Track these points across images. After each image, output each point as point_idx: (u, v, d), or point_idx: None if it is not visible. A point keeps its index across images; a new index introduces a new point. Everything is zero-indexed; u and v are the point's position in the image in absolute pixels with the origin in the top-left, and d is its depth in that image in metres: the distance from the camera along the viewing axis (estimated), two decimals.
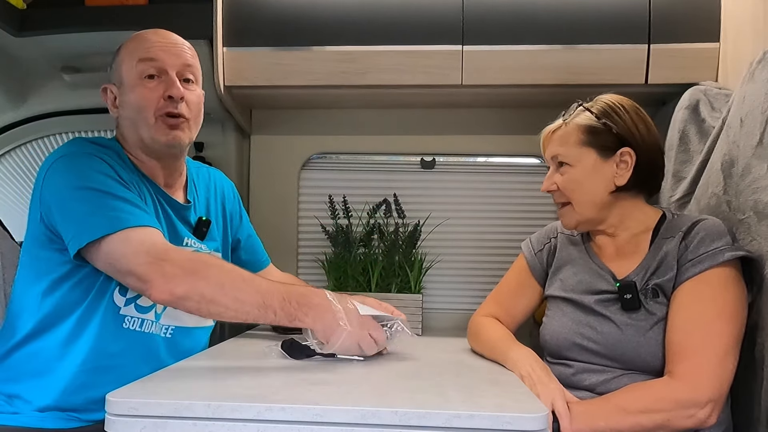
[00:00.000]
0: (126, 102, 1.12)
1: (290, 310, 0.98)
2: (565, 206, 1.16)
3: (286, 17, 1.59)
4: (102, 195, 1.01)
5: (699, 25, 1.51)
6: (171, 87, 1.10)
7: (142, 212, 1.03)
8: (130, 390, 0.83)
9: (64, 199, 1.02)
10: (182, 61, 1.14)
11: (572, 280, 1.19)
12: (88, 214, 0.99)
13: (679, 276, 1.05)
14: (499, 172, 1.90)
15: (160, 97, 1.10)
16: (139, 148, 1.14)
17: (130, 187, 1.07)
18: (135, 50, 1.12)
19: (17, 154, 2.17)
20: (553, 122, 1.20)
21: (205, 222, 1.23)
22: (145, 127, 1.11)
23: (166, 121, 1.11)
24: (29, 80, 1.84)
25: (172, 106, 1.11)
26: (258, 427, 0.76)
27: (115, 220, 0.99)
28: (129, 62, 1.12)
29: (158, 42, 1.13)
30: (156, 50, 1.11)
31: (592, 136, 1.12)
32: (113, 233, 0.98)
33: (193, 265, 0.97)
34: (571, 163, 1.13)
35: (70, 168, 1.04)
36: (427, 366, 1.10)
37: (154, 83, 1.11)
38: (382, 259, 1.77)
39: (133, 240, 0.98)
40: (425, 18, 1.57)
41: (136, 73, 1.11)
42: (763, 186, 1.04)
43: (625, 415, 0.97)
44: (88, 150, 1.07)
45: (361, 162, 1.92)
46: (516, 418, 0.75)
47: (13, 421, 1.04)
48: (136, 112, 1.11)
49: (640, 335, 1.05)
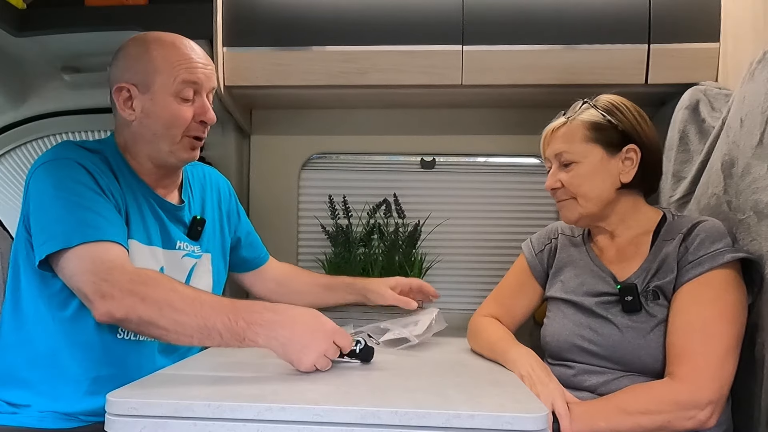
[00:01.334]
0: (152, 112, 1.10)
1: (237, 331, 0.91)
2: (568, 200, 1.16)
3: (286, 17, 1.59)
4: (74, 207, 0.99)
5: (699, 25, 1.51)
6: (206, 113, 1.12)
7: (109, 225, 1.01)
8: (130, 390, 0.83)
9: (39, 207, 1.02)
10: (212, 84, 1.15)
11: (573, 282, 1.19)
12: (55, 224, 0.99)
13: (680, 278, 1.05)
14: (499, 172, 1.90)
15: (191, 119, 1.11)
16: (147, 156, 1.13)
17: (107, 196, 1.05)
18: (177, 65, 1.09)
19: (17, 154, 2.17)
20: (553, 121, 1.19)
21: (199, 221, 1.23)
22: (169, 143, 1.11)
23: (191, 142, 1.13)
24: (29, 80, 1.83)
25: (202, 130, 1.13)
26: (258, 427, 0.76)
27: (73, 234, 0.97)
28: (168, 75, 1.09)
29: (200, 63, 1.12)
30: (200, 73, 1.11)
31: (598, 132, 1.12)
32: (69, 248, 0.96)
33: (132, 286, 0.93)
34: (577, 159, 1.13)
35: (52, 174, 1.03)
36: (427, 366, 1.10)
37: (188, 104, 1.11)
38: (382, 259, 1.77)
39: (84, 257, 0.96)
40: (425, 18, 1.57)
41: (175, 89, 1.09)
42: (763, 186, 1.04)
43: (625, 416, 0.97)
44: (72, 156, 1.05)
45: (361, 162, 1.92)
46: (516, 418, 0.75)
47: (12, 421, 1.03)
48: (164, 127, 1.10)
49: (641, 337, 1.05)
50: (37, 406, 1.05)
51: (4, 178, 2.24)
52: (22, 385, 1.06)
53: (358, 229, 1.84)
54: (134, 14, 1.58)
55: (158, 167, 1.15)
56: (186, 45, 1.13)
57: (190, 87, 1.10)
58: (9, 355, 1.08)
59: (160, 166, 1.15)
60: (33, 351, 1.06)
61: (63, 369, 1.05)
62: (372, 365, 1.05)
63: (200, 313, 0.91)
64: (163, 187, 1.19)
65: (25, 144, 2.12)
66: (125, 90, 1.10)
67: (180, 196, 1.23)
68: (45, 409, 1.04)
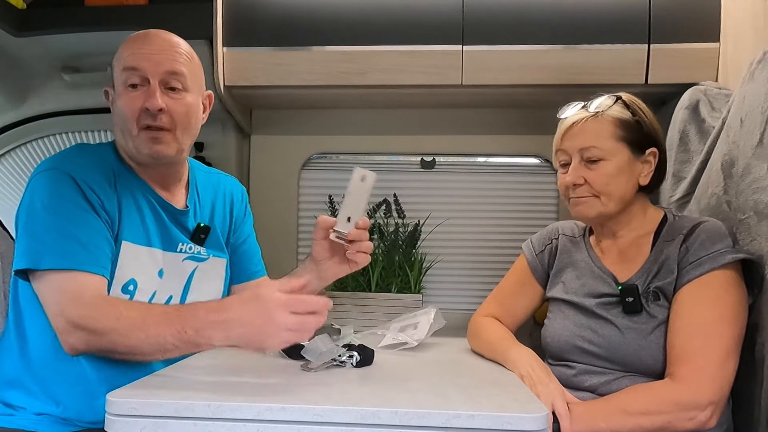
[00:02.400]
0: (114, 109, 1.11)
1: (188, 340, 0.90)
2: (590, 198, 1.12)
3: (286, 17, 1.59)
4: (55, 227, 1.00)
5: (699, 25, 1.51)
6: (149, 98, 1.06)
7: (83, 252, 1.00)
8: (130, 390, 0.83)
9: (24, 219, 1.03)
10: (165, 69, 1.08)
11: (574, 283, 1.19)
12: (32, 240, 1.00)
13: (680, 279, 1.05)
14: (499, 172, 1.90)
15: (140, 108, 1.07)
16: (128, 155, 1.13)
17: (96, 212, 1.04)
18: (121, 56, 1.09)
19: (17, 154, 2.17)
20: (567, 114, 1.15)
21: (203, 228, 1.20)
22: (129, 137, 1.09)
23: (147, 134, 1.08)
24: (29, 80, 1.83)
25: (150, 119, 1.07)
26: (258, 427, 0.76)
27: (44, 257, 0.98)
28: (117, 68, 1.09)
29: (143, 49, 1.08)
30: (138, 58, 1.07)
31: (627, 131, 1.10)
32: (38, 270, 0.98)
33: (81, 321, 0.94)
34: (606, 157, 1.10)
35: (43, 187, 1.03)
36: (427, 366, 1.10)
37: (136, 93, 1.07)
38: (382, 259, 1.77)
39: (51, 283, 0.98)
40: (425, 18, 1.57)
41: (121, 80, 1.08)
42: (763, 186, 1.04)
43: (625, 416, 0.97)
44: (66, 167, 1.04)
45: (361, 162, 1.92)
46: (516, 418, 0.75)
47: (9, 423, 1.03)
48: (122, 121, 1.09)
49: (642, 338, 1.05)
50: (33, 409, 1.04)
51: (4, 178, 2.24)
52: (18, 386, 1.06)
53: None
54: (134, 14, 1.58)
55: (143, 166, 1.14)
56: (138, 35, 1.10)
57: (132, 73, 1.06)
58: (9, 355, 1.08)
59: (140, 164, 1.13)
60: (31, 353, 1.06)
61: (60, 372, 1.04)
62: (372, 365, 1.05)
63: (148, 332, 0.91)
64: (165, 188, 1.17)
65: (25, 144, 2.12)
66: (108, 93, 1.14)
67: (185, 202, 1.21)
68: (41, 412, 1.04)
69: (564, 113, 1.16)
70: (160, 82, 1.08)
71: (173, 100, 1.09)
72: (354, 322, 1.66)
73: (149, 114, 1.06)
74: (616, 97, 1.13)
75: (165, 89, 1.08)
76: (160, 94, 1.07)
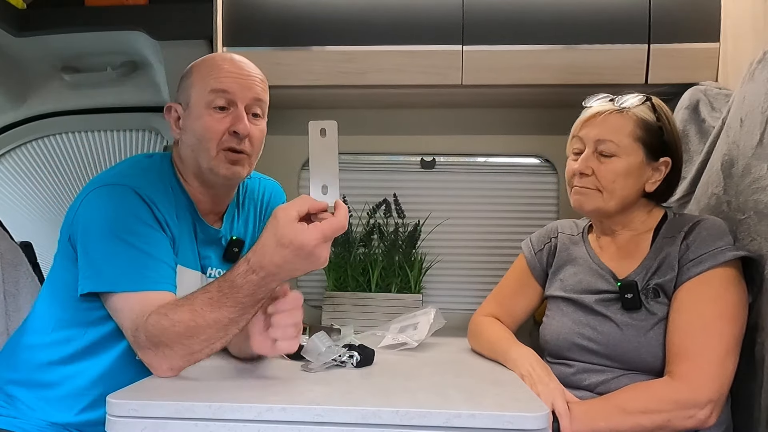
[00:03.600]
0: (190, 128, 1.09)
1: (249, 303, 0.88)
2: (592, 190, 1.11)
3: (286, 17, 1.59)
4: (123, 244, 0.98)
5: (699, 25, 1.51)
6: (238, 122, 1.06)
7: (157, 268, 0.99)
8: (131, 391, 0.83)
9: (90, 236, 1.00)
10: (253, 95, 1.09)
11: (572, 280, 1.19)
12: (103, 262, 0.98)
13: (680, 276, 1.05)
14: (499, 172, 1.90)
15: (226, 131, 1.06)
16: (194, 174, 1.11)
17: (163, 228, 1.04)
18: (208, 76, 1.08)
19: (17, 154, 2.17)
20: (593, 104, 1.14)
21: (236, 242, 1.19)
22: (206, 157, 1.07)
23: (228, 155, 1.07)
24: (29, 80, 1.84)
25: (236, 142, 1.07)
26: (258, 428, 0.76)
27: (122, 277, 0.97)
28: (200, 88, 1.08)
29: (232, 72, 1.08)
30: (229, 81, 1.07)
31: (647, 133, 1.09)
32: (117, 293, 0.97)
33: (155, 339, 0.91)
34: (619, 154, 1.09)
35: (106, 202, 1.01)
36: (427, 366, 1.10)
37: (222, 115, 1.07)
38: (382, 259, 1.77)
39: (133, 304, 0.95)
40: (425, 18, 1.57)
41: (206, 101, 1.07)
42: (763, 186, 1.04)
43: (625, 415, 0.97)
44: (129, 182, 1.03)
45: (361, 162, 1.92)
46: (516, 418, 0.75)
47: (11, 425, 1.03)
48: (199, 141, 1.07)
49: (641, 335, 1.05)
50: (40, 414, 1.05)
51: (4, 178, 2.24)
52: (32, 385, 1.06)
53: (358, 229, 1.84)
54: (134, 14, 1.58)
55: (207, 187, 1.12)
56: (224, 57, 1.10)
57: (221, 96, 1.06)
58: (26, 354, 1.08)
59: (205, 184, 1.12)
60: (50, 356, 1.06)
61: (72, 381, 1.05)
62: (372, 365, 1.05)
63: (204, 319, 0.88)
64: (213, 210, 1.16)
65: (25, 144, 2.13)
66: (173, 109, 1.12)
67: (222, 216, 1.20)
68: (44, 418, 1.04)
69: (589, 101, 1.15)
70: (246, 107, 1.09)
71: (255, 126, 1.10)
72: (354, 322, 1.66)
73: (235, 137, 1.07)
74: (646, 97, 1.12)
75: (248, 114, 1.09)
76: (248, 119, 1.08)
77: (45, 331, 1.07)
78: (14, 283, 1.57)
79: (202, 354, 0.92)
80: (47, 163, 2.21)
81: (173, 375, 0.93)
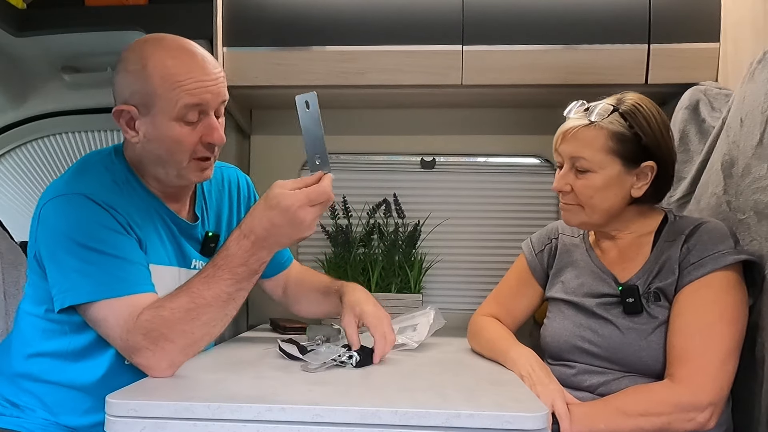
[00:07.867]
0: (155, 137, 1.00)
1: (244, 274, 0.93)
2: (574, 206, 1.12)
3: (286, 17, 1.59)
4: (93, 253, 0.95)
5: (699, 25, 1.51)
6: (212, 133, 1.01)
7: (134, 271, 0.97)
8: (130, 391, 0.83)
9: (56, 250, 0.96)
10: (221, 99, 1.03)
11: (574, 283, 1.19)
12: (77, 274, 0.94)
13: (681, 279, 1.04)
14: (499, 172, 1.90)
15: (198, 142, 1.01)
16: (154, 177, 1.07)
17: (127, 232, 1.00)
18: (178, 86, 0.97)
19: (17, 154, 2.17)
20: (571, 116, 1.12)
21: (212, 237, 1.17)
22: (176, 167, 1.03)
23: (199, 164, 1.04)
24: (29, 80, 1.84)
25: (209, 151, 1.04)
26: (258, 428, 0.76)
27: (101, 286, 0.93)
28: (167, 100, 0.98)
29: (201, 79, 0.99)
30: (201, 92, 0.98)
31: (621, 144, 1.06)
32: (99, 301, 0.94)
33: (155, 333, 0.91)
34: (594, 169, 1.07)
35: (64, 214, 0.97)
36: (427, 366, 1.10)
37: (192, 126, 1.00)
38: (382, 259, 1.77)
39: (119, 310, 0.93)
40: (425, 18, 1.57)
41: (177, 114, 0.98)
42: (763, 186, 1.04)
43: (625, 417, 0.97)
44: (83, 190, 0.98)
45: (361, 162, 1.92)
46: (516, 418, 0.75)
47: (15, 425, 1.03)
48: (168, 153, 1.01)
49: (642, 339, 1.05)
50: (42, 414, 1.04)
51: (4, 178, 2.24)
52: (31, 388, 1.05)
53: (358, 229, 1.84)
54: (134, 14, 1.58)
55: (168, 186, 1.09)
56: (189, 57, 1.00)
57: (194, 109, 0.99)
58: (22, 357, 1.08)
59: (169, 185, 1.09)
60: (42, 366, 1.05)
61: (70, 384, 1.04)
62: (372, 365, 1.05)
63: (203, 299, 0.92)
64: (176, 202, 1.13)
65: (25, 144, 2.13)
66: (125, 112, 1.01)
67: (193, 210, 1.17)
68: (48, 419, 1.04)
69: (568, 112, 1.14)
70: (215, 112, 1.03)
71: (221, 127, 1.05)
72: None
73: (208, 147, 1.03)
74: (614, 107, 1.08)
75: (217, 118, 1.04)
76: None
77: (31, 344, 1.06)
78: (14, 283, 1.57)
79: (202, 342, 0.94)
80: (47, 163, 2.21)
81: (171, 373, 0.93)
